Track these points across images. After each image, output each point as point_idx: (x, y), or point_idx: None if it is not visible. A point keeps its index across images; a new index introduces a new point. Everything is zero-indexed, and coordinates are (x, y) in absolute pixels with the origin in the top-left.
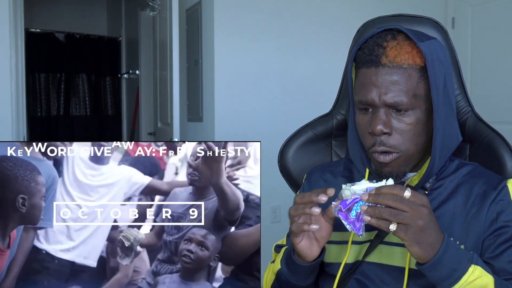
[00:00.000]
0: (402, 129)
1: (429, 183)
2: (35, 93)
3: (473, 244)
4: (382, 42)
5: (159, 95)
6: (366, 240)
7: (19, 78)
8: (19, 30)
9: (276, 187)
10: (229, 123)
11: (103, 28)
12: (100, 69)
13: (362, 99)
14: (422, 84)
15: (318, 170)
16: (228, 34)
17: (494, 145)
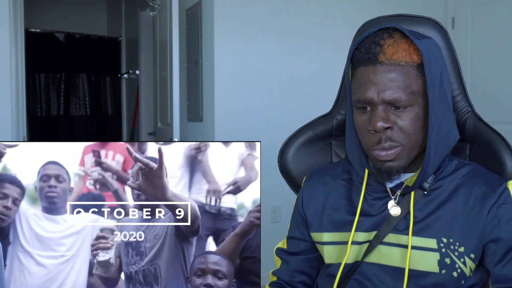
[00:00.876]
0: (402, 125)
1: (428, 183)
2: (35, 93)
3: (474, 246)
4: (379, 41)
5: (159, 95)
6: (365, 240)
7: (19, 78)
8: (19, 30)
9: (276, 187)
10: (229, 123)
11: (103, 28)
12: (100, 69)
13: (361, 97)
14: (419, 81)
15: (317, 173)
16: (228, 34)
17: (494, 145)
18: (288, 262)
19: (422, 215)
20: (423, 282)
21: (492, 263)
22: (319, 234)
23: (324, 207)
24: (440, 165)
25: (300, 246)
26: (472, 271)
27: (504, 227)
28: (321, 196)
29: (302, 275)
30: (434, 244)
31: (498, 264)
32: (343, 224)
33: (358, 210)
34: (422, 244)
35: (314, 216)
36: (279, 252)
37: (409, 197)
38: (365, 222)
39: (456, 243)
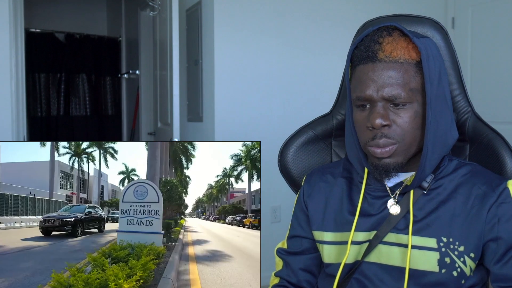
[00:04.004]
0: (400, 122)
1: (427, 183)
2: (35, 93)
3: (474, 245)
4: (378, 39)
5: (159, 95)
6: (365, 240)
7: (19, 78)
8: (19, 30)
9: (276, 187)
10: (229, 123)
11: (103, 28)
12: (100, 69)
13: (360, 95)
14: (418, 78)
15: (317, 171)
16: (228, 34)
17: (494, 145)
18: (291, 262)
19: (422, 214)
20: (423, 281)
21: (492, 262)
22: (320, 233)
23: (325, 205)
24: (440, 165)
25: (303, 244)
26: (472, 271)
27: (504, 226)
28: (322, 194)
29: (306, 274)
30: (434, 244)
31: (497, 263)
32: (344, 223)
33: (358, 209)
34: (422, 244)
35: (316, 214)
36: (280, 253)
37: (409, 196)
38: (365, 222)
39: (456, 243)
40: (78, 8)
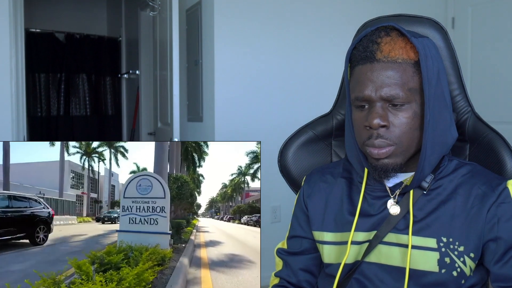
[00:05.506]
0: (398, 123)
1: (427, 183)
2: (35, 93)
3: (473, 245)
4: (376, 39)
5: (159, 95)
6: (365, 240)
7: (19, 78)
8: (19, 30)
9: (276, 187)
10: (229, 123)
11: (103, 28)
12: (100, 69)
13: (359, 95)
14: (416, 78)
15: (317, 172)
16: (228, 34)
17: (494, 145)
18: (291, 263)
19: (422, 214)
20: (423, 281)
21: (492, 262)
22: (320, 233)
23: (325, 206)
24: (440, 165)
25: (303, 245)
26: (472, 271)
27: (504, 226)
28: (323, 194)
29: (306, 274)
30: (434, 244)
31: (497, 263)
32: (344, 223)
33: (358, 209)
34: (422, 244)
35: (316, 214)
36: (280, 253)
37: (408, 196)
38: (365, 222)
39: (455, 243)
40: (78, 8)
